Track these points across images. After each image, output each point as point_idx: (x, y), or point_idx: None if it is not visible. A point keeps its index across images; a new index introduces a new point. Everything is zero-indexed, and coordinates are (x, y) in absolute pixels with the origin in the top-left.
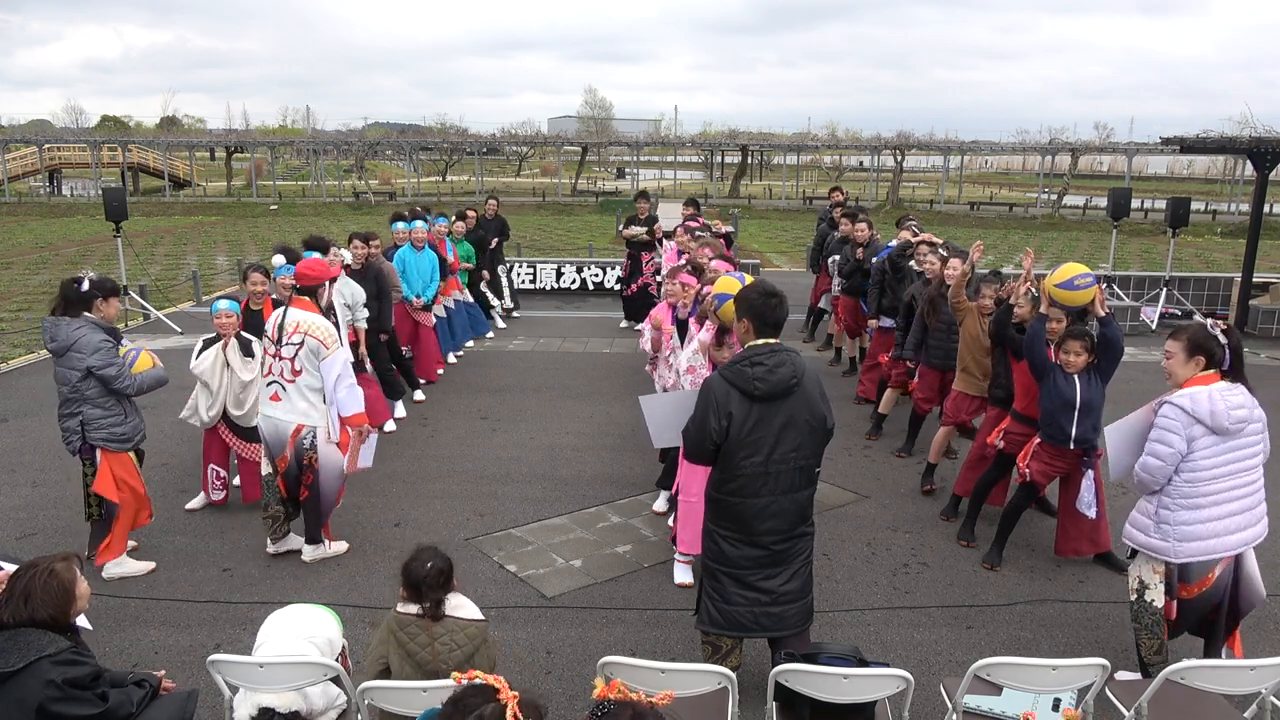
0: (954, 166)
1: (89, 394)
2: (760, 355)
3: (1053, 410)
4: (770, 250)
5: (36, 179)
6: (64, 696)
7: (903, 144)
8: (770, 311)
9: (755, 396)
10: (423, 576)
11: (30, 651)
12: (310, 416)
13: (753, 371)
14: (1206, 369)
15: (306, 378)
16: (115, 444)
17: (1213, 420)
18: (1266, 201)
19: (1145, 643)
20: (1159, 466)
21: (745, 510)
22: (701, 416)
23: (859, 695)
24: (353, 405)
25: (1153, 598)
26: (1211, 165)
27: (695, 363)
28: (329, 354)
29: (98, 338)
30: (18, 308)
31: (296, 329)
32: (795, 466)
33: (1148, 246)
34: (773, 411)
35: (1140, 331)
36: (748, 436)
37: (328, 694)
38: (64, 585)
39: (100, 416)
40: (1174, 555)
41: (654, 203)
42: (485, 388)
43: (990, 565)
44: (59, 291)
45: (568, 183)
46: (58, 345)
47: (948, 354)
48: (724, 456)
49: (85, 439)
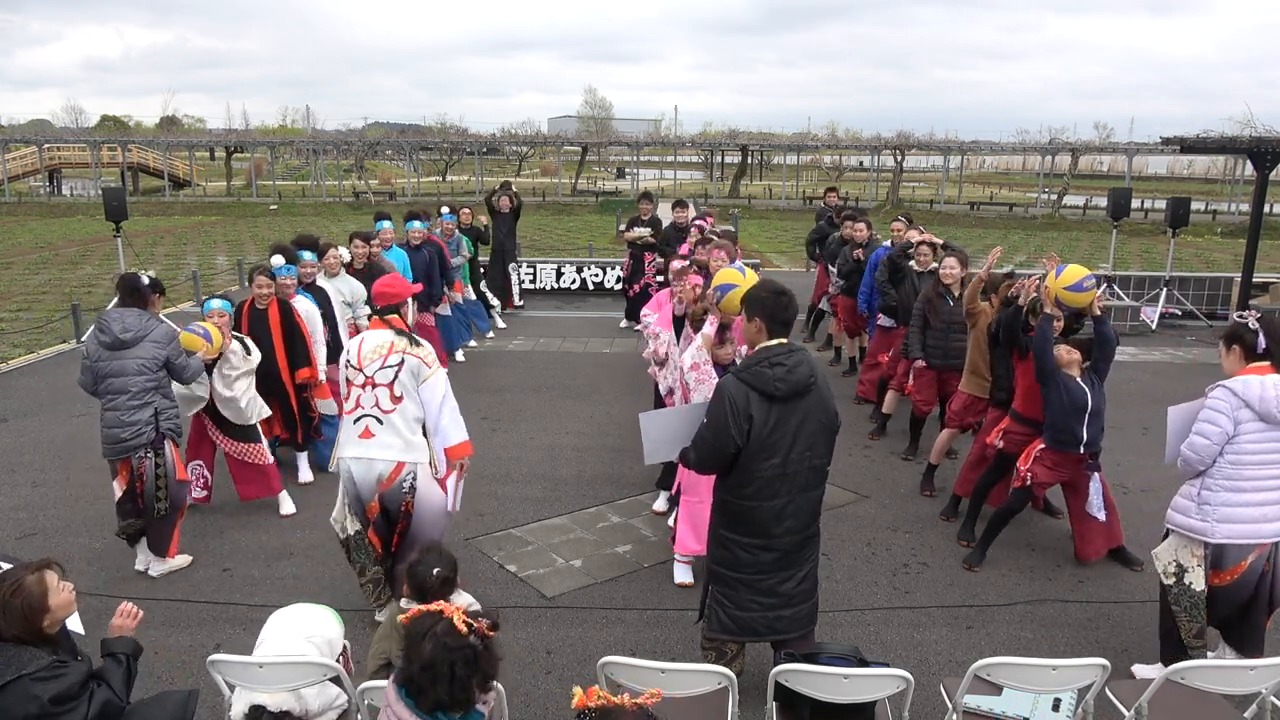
0: (954, 166)
1: (162, 385)
2: (779, 355)
3: (1063, 415)
4: (770, 250)
5: (36, 179)
6: (45, 715)
7: (903, 144)
8: (782, 310)
9: (776, 397)
10: (428, 584)
11: (9, 670)
12: (412, 452)
13: (773, 372)
14: (1248, 359)
15: (409, 405)
16: (176, 434)
17: (1261, 406)
18: (1266, 201)
19: (1185, 625)
20: (1206, 446)
21: (764, 513)
22: (718, 424)
23: (859, 695)
24: (457, 433)
25: (1191, 580)
26: (1211, 165)
27: (699, 359)
28: (430, 374)
29: (169, 330)
30: (18, 308)
31: (391, 349)
32: (810, 465)
33: (1148, 246)
34: (790, 411)
35: (1140, 331)
36: (768, 438)
37: (325, 694)
38: (29, 602)
39: (169, 406)
40: (1211, 535)
41: (655, 203)
42: (485, 388)
43: (970, 566)
44: (119, 285)
45: (568, 183)
46: (132, 335)
47: (946, 354)
48: (742, 461)
49: (159, 429)
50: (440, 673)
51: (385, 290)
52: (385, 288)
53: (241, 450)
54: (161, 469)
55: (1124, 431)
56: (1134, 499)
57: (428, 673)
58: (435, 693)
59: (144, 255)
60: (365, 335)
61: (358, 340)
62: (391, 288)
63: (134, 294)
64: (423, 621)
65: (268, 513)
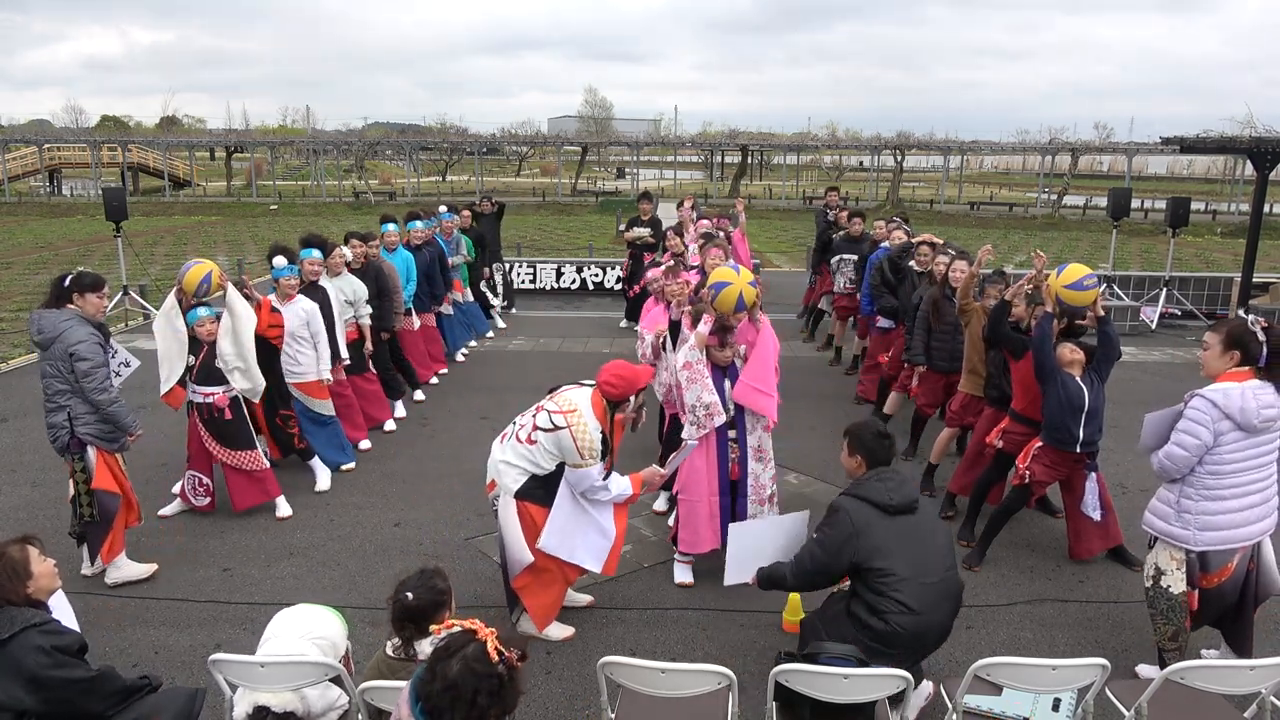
0: (954, 166)
1: (76, 386)
2: (884, 474)
3: (1060, 414)
4: (770, 250)
5: (36, 179)
6: (56, 664)
7: (902, 144)
8: (883, 452)
9: (890, 509)
10: (401, 609)
11: (15, 623)
12: (503, 479)
13: (884, 485)
14: (1241, 365)
15: (537, 455)
16: (105, 442)
17: (1242, 417)
18: (1266, 201)
19: (1160, 628)
20: (1184, 457)
21: (915, 625)
22: (836, 543)
23: (859, 695)
24: (620, 498)
25: (1169, 584)
26: (1211, 165)
27: (692, 358)
28: (579, 464)
29: (84, 330)
30: (18, 308)
31: (563, 413)
32: (943, 577)
33: (1148, 246)
34: (907, 525)
35: (1140, 331)
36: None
37: (327, 696)
38: (13, 567)
39: (87, 411)
40: (1194, 544)
41: (656, 203)
42: (485, 388)
43: (970, 566)
44: (49, 288)
45: (568, 183)
46: (44, 336)
47: (952, 356)
48: (867, 574)
49: (73, 432)
50: (462, 697)
51: (615, 382)
52: (615, 378)
53: (237, 458)
54: (83, 475)
55: (1123, 431)
56: (1133, 499)
57: (448, 694)
58: (451, 716)
59: (144, 255)
60: (575, 393)
61: (564, 394)
62: (622, 379)
63: (56, 294)
64: (455, 640)
65: (267, 513)
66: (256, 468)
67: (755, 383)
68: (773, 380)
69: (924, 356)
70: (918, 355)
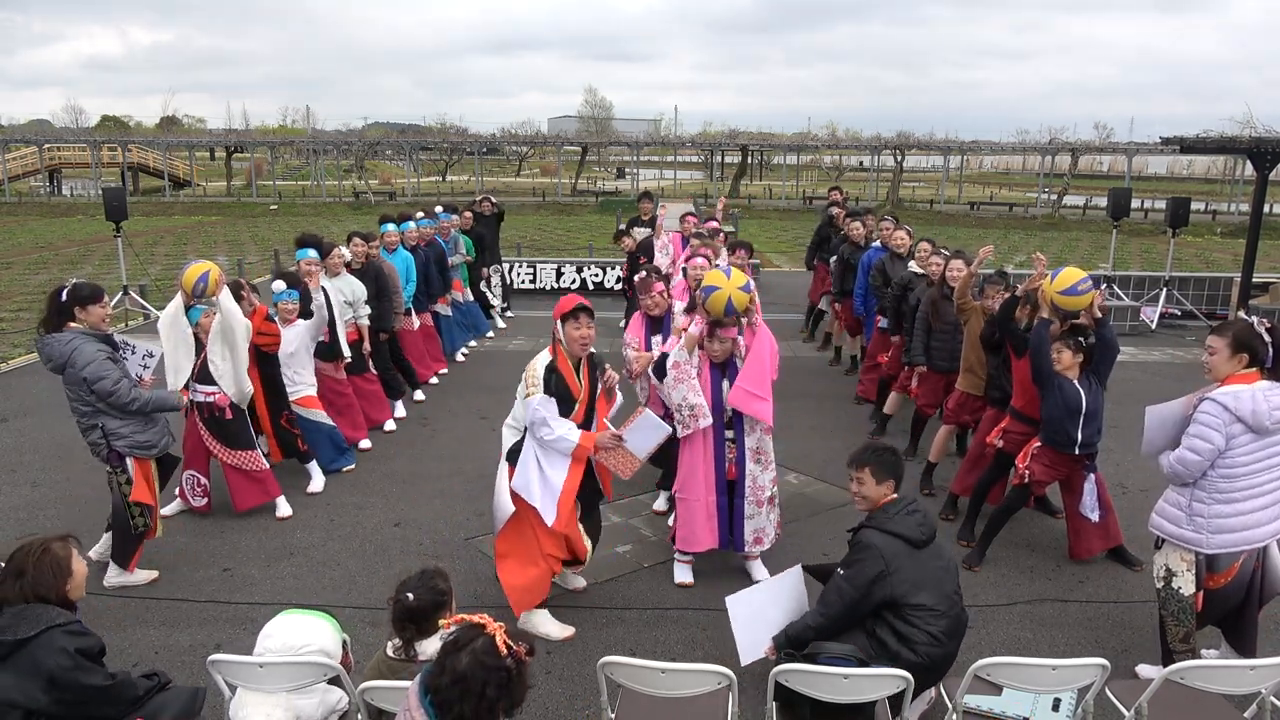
0: (954, 166)
1: (101, 405)
2: (910, 504)
3: (1058, 416)
4: (770, 250)
5: (36, 179)
6: (76, 666)
7: (902, 144)
8: (903, 469)
9: (919, 542)
10: (402, 610)
11: (41, 621)
12: (503, 446)
13: (913, 519)
14: (1249, 367)
15: (518, 407)
16: (141, 451)
17: (1254, 419)
18: (1266, 201)
19: (1171, 629)
20: (1196, 461)
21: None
22: (866, 580)
23: (859, 695)
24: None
25: (1180, 585)
26: (1211, 165)
27: (680, 358)
28: (526, 396)
29: (92, 348)
30: (18, 308)
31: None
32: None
33: (1148, 246)
34: (929, 556)
35: (1140, 331)
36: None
37: (326, 701)
38: (59, 561)
39: (120, 426)
40: (1206, 547)
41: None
42: (485, 388)
43: (970, 566)
44: (45, 306)
45: (568, 183)
46: (54, 364)
47: (952, 356)
48: (903, 609)
49: (110, 448)
50: (471, 690)
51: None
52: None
53: (238, 458)
54: (126, 487)
55: (1124, 431)
56: (1133, 499)
57: (457, 687)
58: (460, 708)
59: (144, 255)
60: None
61: None
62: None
63: (56, 311)
64: (464, 633)
65: (267, 513)
66: (256, 468)
67: (750, 386)
68: (768, 384)
69: (924, 356)
70: (918, 355)
